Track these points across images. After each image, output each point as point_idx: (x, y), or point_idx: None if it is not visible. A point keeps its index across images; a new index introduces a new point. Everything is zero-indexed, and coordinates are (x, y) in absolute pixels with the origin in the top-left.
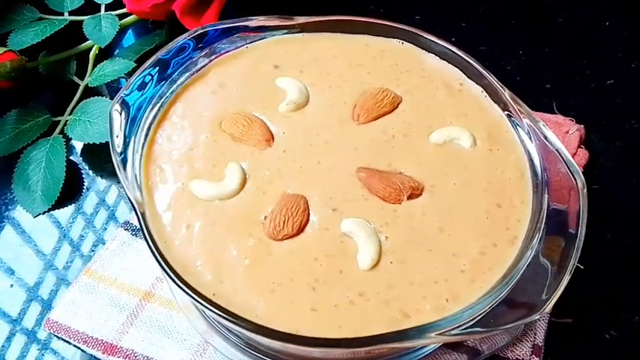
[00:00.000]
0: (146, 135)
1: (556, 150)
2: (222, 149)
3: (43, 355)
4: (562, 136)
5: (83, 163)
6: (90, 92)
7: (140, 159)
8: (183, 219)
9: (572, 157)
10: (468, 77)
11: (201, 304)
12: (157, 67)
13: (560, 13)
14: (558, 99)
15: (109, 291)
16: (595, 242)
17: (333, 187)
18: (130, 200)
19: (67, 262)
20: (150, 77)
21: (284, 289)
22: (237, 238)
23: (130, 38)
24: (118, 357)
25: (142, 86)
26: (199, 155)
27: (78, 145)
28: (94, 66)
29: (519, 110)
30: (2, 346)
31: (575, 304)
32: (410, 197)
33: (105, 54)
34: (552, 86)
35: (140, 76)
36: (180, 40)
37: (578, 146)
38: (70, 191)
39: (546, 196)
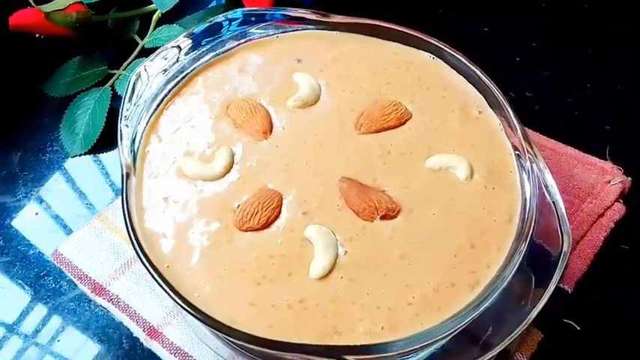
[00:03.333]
0: (157, 105)
1: (552, 202)
2: (221, 133)
3: (58, 282)
4: (601, 185)
5: None
6: (148, 52)
7: (145, 126)
8: (164, 190)
9: (606, 209)
10: (490, 106)
11: (150, 272)
12: (186, 42)
13: None
14: (614, 143)
15: (112, 238)
16: (605, 304)
17: (310, 191)
18: (120, 161)
19: (88, 204)
20: (177, 50)
21: (232, 278)
22: (205, 220)
23: None
24: (103, 298)
25: (166, 58)
26: (198, 134)
27: None
28: (155, 28)
29: (528, 151)
30: (16, 269)
31: None
32: (384, 217)
33: (170, 17)
34: (612, 128)
35: (167, 49)
36: (215, 19)
37: (617, 199)
38: (110, 140)
39: (525, 248)
